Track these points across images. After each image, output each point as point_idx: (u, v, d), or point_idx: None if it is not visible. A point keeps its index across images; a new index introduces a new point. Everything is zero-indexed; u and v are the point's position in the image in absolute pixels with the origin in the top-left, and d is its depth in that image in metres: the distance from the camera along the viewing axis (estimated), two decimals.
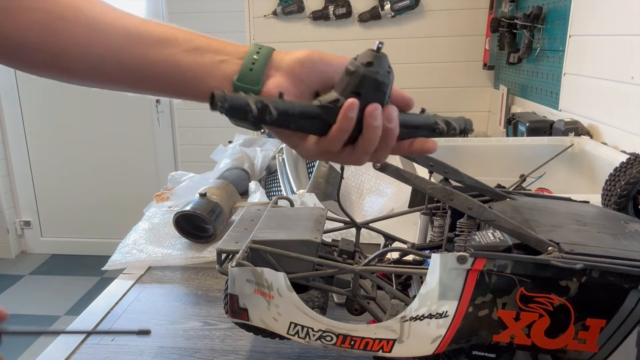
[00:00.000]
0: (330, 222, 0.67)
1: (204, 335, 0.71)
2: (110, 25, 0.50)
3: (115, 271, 0.94)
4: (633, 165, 0.66)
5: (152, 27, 0.51)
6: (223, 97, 0.43)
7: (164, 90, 0.52)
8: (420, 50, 2.37)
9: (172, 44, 0.50)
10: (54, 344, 0.71)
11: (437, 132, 0.50)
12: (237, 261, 0.52)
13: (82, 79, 0.53)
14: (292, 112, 0.45)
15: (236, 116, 0.44)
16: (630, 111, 1.20)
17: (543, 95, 1.69)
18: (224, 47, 0.50)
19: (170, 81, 0.51)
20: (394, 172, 0.55)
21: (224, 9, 2.53)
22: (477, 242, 0.51)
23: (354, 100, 0.45)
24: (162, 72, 0.50)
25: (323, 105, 0.46)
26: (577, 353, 0.48)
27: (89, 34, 0.49)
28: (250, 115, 0.43)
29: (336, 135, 0.46)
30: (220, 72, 0.49)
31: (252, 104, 0.43)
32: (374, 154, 0.49)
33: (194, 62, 0.49)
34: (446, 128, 0.50)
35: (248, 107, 0.43)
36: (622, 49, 1.25)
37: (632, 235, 0.52)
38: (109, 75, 0.51)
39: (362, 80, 0.45)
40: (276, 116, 0.44)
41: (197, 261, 0.95)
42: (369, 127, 0.46)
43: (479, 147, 1.29)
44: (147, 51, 0.50)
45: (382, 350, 0.49)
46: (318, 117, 0.46)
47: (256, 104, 0.43)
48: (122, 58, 0.50)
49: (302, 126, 0.47)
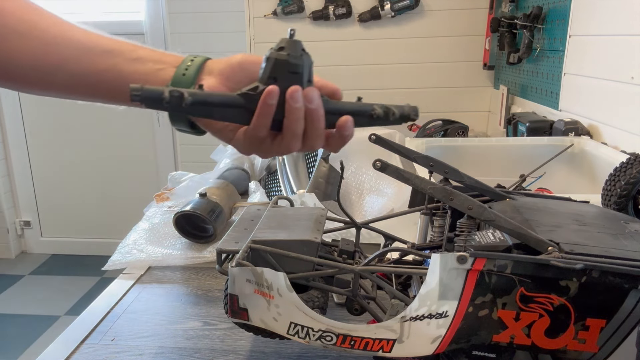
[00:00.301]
0: (330, 222, 0.67)
1: (204, 335, 0.71)
2: (62, 37, 0.54)
3: (115, 271, 0.94)
4: (633, 165, 0.66)
5: (99, 38, 0.55)
6: (138, 87, 0.46)
7: (110, 97, 0.56)
8: (420, 50, 2.37)
9: (117, 54, 0.54)
10: (54, 344, 0.71)
11: (375, 118, 0.51)
12: (237, 261, 0.52)
13: (31, 87, 0.56)
14: (212, 101, 0.47)
15: (152, 105, 0.46)
16: (630, 111, 1.20)
17: (543, 95, 1.69)
18: (164, 57, 0.55)
19: (115, 89, 0.54)
20: (394, 172, 0.55)
21: (224, 9, 2.53)
22: (477, 242, 0.51)
23: (273, 87, 0.47)
24: (107, 81, 0.54)
25: (243, 93, 0.48)
26: (577, 353, 0.48)
27: (41, 47, 0.53)
28: (165, 102, 0.46)
29: (259, 121, 0.49)
30: (158, 78, 0.54)
31: (166, 92, 0.46)
32: (306, 140, 0.51)
33: (135, 71, 0.54)
34: (383, 114, 0.51)
35: (162, 95, 0.46)
36: (622, 49, 1.25)
37: (632, 235, 0.52)
38: (59, 84, 0.55)
39: (276, 65, 0.48)
40: (191, 103, 0.46)
41: (197, 261, 0.95)
42: (290, 109, 0.49)
43: (479, 147, 1.29)
44: (95, 61, 0.54)
45: (382, 350, 0.49)
46: (240, 105, 0.48)
47: (171, 92, 0.46)
48: (71, 68, 0.54)
49: (225, 115, 0.49)
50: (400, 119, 0.52)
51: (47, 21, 0.54)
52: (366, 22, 2.34)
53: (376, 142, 0.61)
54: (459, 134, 1.73)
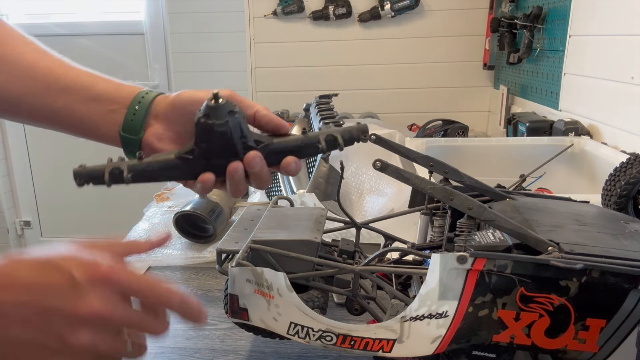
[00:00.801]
0: (330, 222, 0.67)
1: (204, 335, 0.71)
2: (27, 70, 0.56)
3: None
4: (633, 165, 0.66)
5: (61, 71, 0.57)
6: (79, 173, 0.49)
7: (70, 131, 0.59)
8: (421, 50, 2.37)
9: (73, 92, 0.56)
10: None
11: (322, 150, 0.51)
12: (237, 261, 0.52)
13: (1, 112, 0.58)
14: (152, 169, 0.50)
15: (97, 183, 0.49)
16: (630, 111, 1.20)
17: (543, 95, 1.69)
18: (119, 94, 0.57)
19: (71, 126, 0.57)
20: (394, 172, 0.55)
21: (224, 9, 2.53)
22: (477, 242, 0.51)
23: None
24: (63, 118, 0.57)
25: (180, 157, 0.50)
26: (577, 353, 0.48)
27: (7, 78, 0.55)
28: (107, 182, 0.49)
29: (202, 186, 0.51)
30: (110, 120, 0.56)
31: (107, 174, 0.49)
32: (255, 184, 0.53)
33: (88, 113, 0.56)
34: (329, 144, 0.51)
35: (103, 176, 0.49)
36: (622, 49, 1.25)
37: (632, 235, 0.52)
38: (23, 114, 0.58)
39: (204, 132, 0.48)
40: (131, 178, 0.49)
41: (197, 261, 0.95)
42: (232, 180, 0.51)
43: (479, 147, 1.29)
44: (52, 98, 0.56)
45: (382, 350, 0.49)
46: (179, 167, 0.50)
47: (111, 172, 0.49)
48: (30, 102, 0.56)
49: (169, 176, 0.51)
50: (349, 142, 0.52)
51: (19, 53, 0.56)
52: (366, 22, 2.34)
53: (376, 142, 0.61)
54: (459, 134, 1.73)
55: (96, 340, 0.39)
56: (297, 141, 0.52)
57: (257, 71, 2.48)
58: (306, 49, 2.39)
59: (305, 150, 0.52)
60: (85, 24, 2.87)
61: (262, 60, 2.45)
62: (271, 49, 2.43)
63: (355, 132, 0.52)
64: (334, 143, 0.51)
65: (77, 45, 2.89)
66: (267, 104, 2.20)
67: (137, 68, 2.89)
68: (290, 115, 2.23)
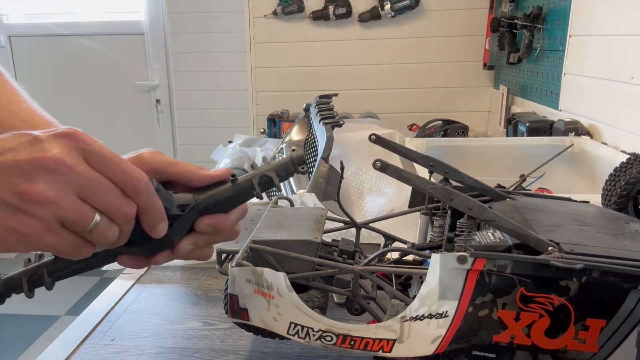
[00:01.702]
0: (330, 222, 0.67)
1: (204, 335, 0.71)
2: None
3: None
4: (633, 165, 0.66)
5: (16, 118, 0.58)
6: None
7: None
8: (420, 50, 2.37)
9: None
10: (54, 344, 0.71)
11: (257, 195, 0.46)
12: (237, 261, 0.52)
13: None
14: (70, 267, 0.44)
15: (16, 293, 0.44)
16: (630, 111, 1.20)
17: (543, 95, 1.69)
18: None
19: None
20: (394, 172, 0.55)
21: (224, 9, 2.53)
22: (477, 242, 0.51)
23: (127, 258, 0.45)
24: None
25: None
26: (577, 353, 0.48)
27: None
28: (27, 291, 0.44)
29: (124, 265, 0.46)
30: None
31: (25, 283, 0.44)
32: None
33: None
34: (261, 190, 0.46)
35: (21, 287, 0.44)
36: (622, 49, 1.25)
37: (632, 235, 0.52)
38: None
39: None
40: (52, 281, 0.44)
41: (197, 261, 0.95)
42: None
43: (479, 147, 1.29)
44: None
45: (382, 350, 0.49)
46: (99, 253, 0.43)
47: (31, 277, 0.44)
48: None
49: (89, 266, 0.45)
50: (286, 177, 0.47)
51: None
52: (366, 22, 2.34)
53: (376, 142, 0.61)
54: (459, 134, 1.73)
55: (58, 197, 0.36)
56: (228, 191, 0.45)
57: (257, 71, 2.48)
58: (306, 49, 2.39)
59: (238, 199, 0.46)
60: (85, 24, 2.87)
61: (262, 60, 2.46)
62: (271, 49, 2.43)
63: (290, 164, 0.47)
64: (269, 183, 0.46)
65: (77, 45, 2.89)
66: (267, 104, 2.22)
67: (137, 68, 2.89)
68: (290, 115, 2.23)
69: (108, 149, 0.39)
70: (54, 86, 2.87)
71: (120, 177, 0.39)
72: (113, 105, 2.93)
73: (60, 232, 0.37)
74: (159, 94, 2.86)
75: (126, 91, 2.92)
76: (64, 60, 2.90)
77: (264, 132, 2.28)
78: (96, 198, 0.38)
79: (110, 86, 2.93)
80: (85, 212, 0.37)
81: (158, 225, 0.41)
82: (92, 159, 0.38)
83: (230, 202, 0.45)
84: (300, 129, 1.53)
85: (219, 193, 0.45)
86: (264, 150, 1.50)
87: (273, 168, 0.46)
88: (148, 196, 0.40)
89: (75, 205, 0.37)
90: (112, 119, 2.92)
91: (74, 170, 0.36)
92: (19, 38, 2.92)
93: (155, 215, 0.41)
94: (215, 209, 0.45)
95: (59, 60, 2.90)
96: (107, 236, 0.39)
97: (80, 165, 0.37)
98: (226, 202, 0.45)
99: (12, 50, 2.92)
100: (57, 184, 0.36)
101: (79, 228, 0.38)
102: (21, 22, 2.92)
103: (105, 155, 0.38)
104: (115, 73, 2.91)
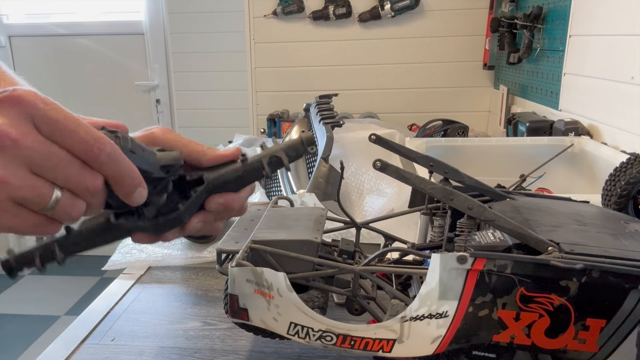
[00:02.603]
0: (330, 222, 0.67)
1: (204, 335, 0.71)
2: None
3: (115, 271, 0.94)
4: (633, 165, 0.66)
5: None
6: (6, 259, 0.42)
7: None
8: (420, 50, 2.37)
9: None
10: (54, 344, 0.71)
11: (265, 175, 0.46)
12: (237, 261, 0.52)
13: None
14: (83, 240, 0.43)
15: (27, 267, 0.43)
16: (630, 111, 1.20)
17: (543, 95, 1.69)
18: None
19: None
20: (394, 172, 0.55)
21: (224, 9, 2.53)
22: (477, 242, 0.51)
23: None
24: None
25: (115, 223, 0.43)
26: (577, 353, 0.48)
27: None
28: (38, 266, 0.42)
29: None
30: None
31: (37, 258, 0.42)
32: None
33: None
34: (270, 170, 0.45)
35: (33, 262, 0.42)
36: (622, 49, 1.25)
37: (632, 235, 0.52)
38: None
39: None
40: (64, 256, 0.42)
41: (197, 261, 0.95)
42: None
43: (479, 147, 1.29)
44: None
45: (382, 350, 0.49)
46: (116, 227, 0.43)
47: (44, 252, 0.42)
48: None
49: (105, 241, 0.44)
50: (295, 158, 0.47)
51: None
52: (366, 22, 2.34)
53: (376, 142, 0.61)
54: (459, 134, 1.73)
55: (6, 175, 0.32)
56: (237, 171, 0.45)
57: (257, 71, 2.48)
58: (306, 49, 2.39)
59: (248, 179, 0.46)
60: (85, 24, 2.87)
61: (262, 60, 2.46)
62: (271, 49, 2.43)
63: (300, 146, 0.46)
64: (279, 163, 0.46)
65: (77, 45, 2.89)
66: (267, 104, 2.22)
67: (137, 68, 2.89)
68: (290, 115, 2.23)
69: (65, 112, 0.34)
70: (54, 86, 2.86)
71: (78, 147, 0.34)
72: (113, 105, 2.93)
73: (18, 213, 0.34)
74: (159, 94, 2.86)
75: (126, 91, 2.92)
76: (64, 60, 2.90)
77: (264, 132, 2.28)
78: (52, 172, 0.33)
79: (110, 86, 2.93)
80: (41, 189, 0.33)
81: (133, 194, 0.37)
82: (44, 127, 0.33)
83: (240, 182, 0.45)
84: (300, 129, 1.53)
85: (229, 172, 0.45)
86: None
87: (283, 148, 0.46)
88: (114, 165, 0.35)
89: (28, 182, 0.33)
90: (112, 119, 2.92)
91: (20, 143, 0.32)
92: (19, 38, 2.92)
93: (127, 183, 0.37)
94: (224, 188, 0.45)
95: (59, 60, 2.90)
96: (71, 212, 0.35)
97: (29, 136, 0.32)
98: (236, 182, 0.45)
99: (12, 50, 2.92)
100: (3, 160, 0.32)
101: (37, 206, 0.34)
102: (21, 22, 2.92)
103: (59, 122, 0.33)
104: (115, 73, 2.91)
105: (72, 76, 2.92)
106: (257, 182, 0.48)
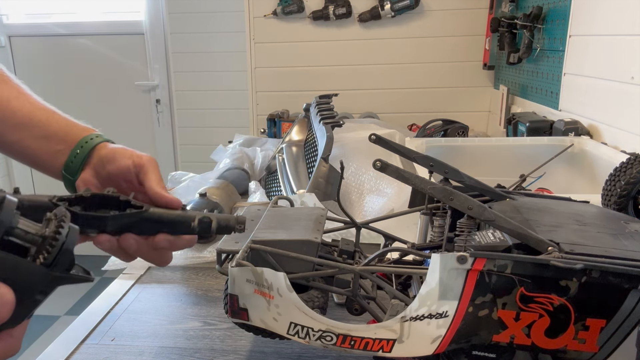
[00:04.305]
0: (330, 222, 0.67)
1: (204, 335, 0.71)
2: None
3: (115, 271, 0.94)
4: (633, 165, 0.66)
5: (18, 106, 0.59)
6: None
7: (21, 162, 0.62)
8: (420, 50, 2.37)
9: (26, 129, 0.59)
10: (54, 344, 0.71)
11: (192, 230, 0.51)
12: (237, 261, 0.52)
13: None
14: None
15: None
16: (630, 111, 1.20)
17: (543, 95, 1.69)
18: (68, 136, 0.60)
19: (22, 159, 0.61)
20: (394, 172, 0.55)
21: (224, 9, 2.53)
22: (477, 242, 0.51)
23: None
24: (16, 151, 0.60)
25: None
26: (577, 353, 0.48)
27: None
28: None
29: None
30: (56, 159, 0.59)
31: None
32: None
33: (38, 150, 0.59)
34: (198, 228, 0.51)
35: None
36: (622, 49, 1.25)
37: (632, 235, 0.52)
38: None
39: None
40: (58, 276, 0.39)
41: (197, 261, 0.95)
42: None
43: (479, 147, 1.29)
44: (6, 132, 0.58)
45: (382, 350, 0.49)
46: None
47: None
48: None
49: None
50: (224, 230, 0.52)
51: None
52: (366, 22, 2.34)
53: (376, 142, 0.61)
54: (459, 134, 1.72)
55: None
56: (172, 215, 0.51)
57: (257, 71, 2.47)
58: (306, 49, 2.39)
59: (178, 227, 0.51)
60: (85, 24, 2.87)
61: (262, 60, 2.45)
62: (271, 49, 2.43)
63: (232, 222, 0.52)
64: (207, 226, 0.51)
65: (77, 45, 2.89)
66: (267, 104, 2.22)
67: (137, 68, 2.89)
68: (290, 115, 2.23)
69: None
70: (54, 86, 2.86)
71: None
72: (113, 105, 2.93)
73: None
74: (159, 94, 2.86)
75: (126, 91, 2.92)
76: (64, 60, 2.90)
77: (264, 132, 2.28)
78: None
79: (110, 86, 2.93)
80: None
81: None
82: None
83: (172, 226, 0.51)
84: (300, 129, 1.53)
85: (165, 213, 0.51)
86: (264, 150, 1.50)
87: (217, 216, 0.51)
88: None
89: None
90: (112, 119, 2.92)
91: None
92: (19, 38, 2.91)
93: None
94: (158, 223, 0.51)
95: (59, 60, 2.90)
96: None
97: None
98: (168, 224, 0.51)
99: (12, 50, 2.92)
100: None
101: None
102: (21, 22, 2.92)
103: None
104: (115, 73, 2.91)
105: (72, 76, 2.92)
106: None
